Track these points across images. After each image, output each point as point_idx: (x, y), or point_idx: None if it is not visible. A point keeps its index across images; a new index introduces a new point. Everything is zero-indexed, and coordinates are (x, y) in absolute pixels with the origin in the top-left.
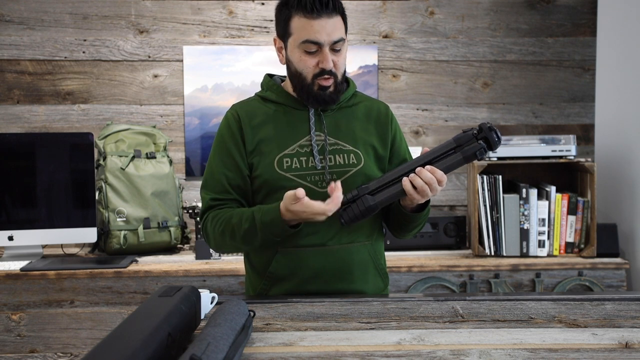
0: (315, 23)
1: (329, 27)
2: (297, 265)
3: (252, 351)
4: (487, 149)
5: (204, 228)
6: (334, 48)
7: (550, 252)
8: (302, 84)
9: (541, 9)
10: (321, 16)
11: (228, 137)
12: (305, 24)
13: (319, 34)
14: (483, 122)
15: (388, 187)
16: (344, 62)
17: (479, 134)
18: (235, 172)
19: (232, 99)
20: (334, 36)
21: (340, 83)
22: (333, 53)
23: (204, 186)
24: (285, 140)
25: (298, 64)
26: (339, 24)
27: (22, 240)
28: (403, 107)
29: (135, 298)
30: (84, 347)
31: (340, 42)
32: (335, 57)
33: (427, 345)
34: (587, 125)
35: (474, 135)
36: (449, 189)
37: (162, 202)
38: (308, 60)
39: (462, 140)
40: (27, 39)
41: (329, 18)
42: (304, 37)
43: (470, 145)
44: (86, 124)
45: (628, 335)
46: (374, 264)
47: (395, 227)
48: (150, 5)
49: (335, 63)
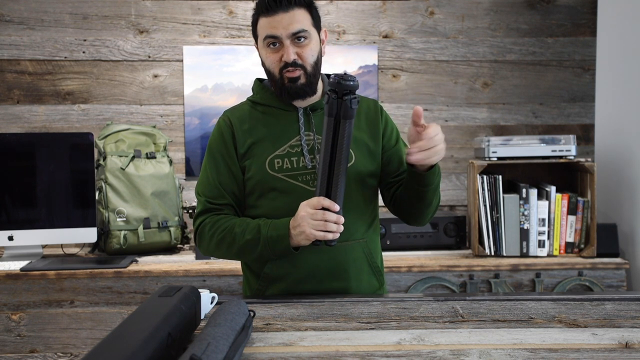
0: (271, 19)
1: (285, 20)
2: (292, 265)
3: (252, 351)
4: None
5: (200, 232)
6: (295, 40)
7: (550, 252)
8: (274, 80)
9: (541, 9)
10: (277, 12)
11: (221, 144)
12: (265, 22)
13: (276, 29)
14: (331, 81)
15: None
16: (310, 54)
17: (338, 94)
18: (229, 178)
19: (232, 99)
20: (291, 29)
21: (311, 75)
22: (296, 45)
23: (199, 190)
24: (276, 141)
25: (266, 60)
26: (300, 16)
27: (22, 240)
28: (403, 107)
29: (135, 298)
30: (84, 347)
31: (301, 33)
32: (299, 49)
33: (427, 345)
34: (587, 125)
35: (336, 99)
36: (449, 189)
37: (162, 202)
38: (272, 55)
39: (333, 110)
40: (27, 39)
41: (285, 13)
42: (265, 33)
43: (343, 106)
44: (86, 124)
45: (628, 335)
46: (369, 262)
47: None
48: (150, 5)
49: (299, 54)
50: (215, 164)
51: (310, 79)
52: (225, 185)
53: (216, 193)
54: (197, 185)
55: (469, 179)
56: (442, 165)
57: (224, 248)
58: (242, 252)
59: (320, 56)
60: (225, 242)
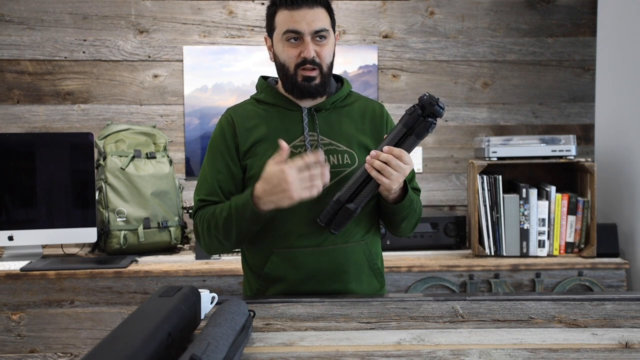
0: (295, 13)
1: (309, 17)
2: (292, 266)
3: (252, 351)
4: (435, 122)
5: (195, 229)
6: (316, 38)
7: (550, 252)
8: (287, 76)
9: (541, 9)
10: (301, 7)
11: (221, 141)
12: (286, 15)
13: (299, 24)
14: (422, 97)
15: (361, 188)
16: (329, 54)
17: (424, 112)
18: (227, 175)
19: (232, 98)
20: (315, 26)
21: (326, 75)
22: (316, 43)
23: (195, 190)
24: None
25: (281, 55)
26: (322, 15)
27: (22, 240)
28: (403, 107)
29: (135, 298)
30: (84, 347)
31: (323, 32)
32: (319, 48)
33: (427, 345)
34: (587, 125)
35: (420, 115)
36: (449, 189)
37: (162, 202)
38: (290, 50)
39: (411, 123)
40: (27, 39)
41: (309, 9)
42: (285, 27)
43: (419, 124)
44: (86, 124)
45: (628, 335)
46: (369, 263)
47: (387, 224)
48: (150, 5)
49: (318, 53)
50: (214, 161)
51: (324, 79)
52: (222, 182)
53: (211, 190)
54: (195, 187)
55: (469, 179)
56: (443, 165)
57: (213, 234)
58: (225, 232)
59: (334, 57)
60: (212, 228)
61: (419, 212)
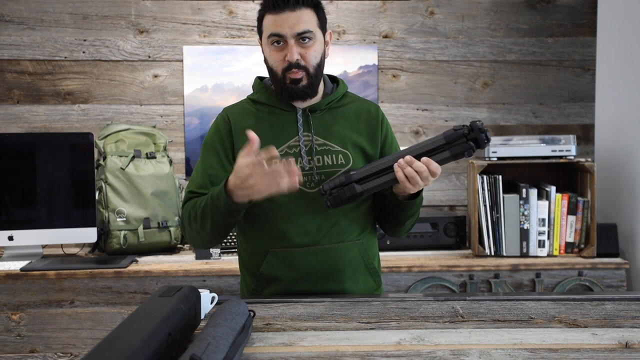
0: (277, 17)
1: (291, 19)
2: (288, 266)
3: (252, 351)
4: (475, 149)
5: (182, 220)
6: (300, 40)
7: (550, 252)
8: (275, 79)
9: (541, 9)
10: (284, 10)
11: (216, 138)
12: (270, 19)
13: (281, 27)
14: (474, 121)
15: (376, 175)
16: (314, 55)
17: (470, 134)
18: (219, 170)
19: (232, 98)
20: (297, 28)
21: (313, 76)
22: (300, 45)
23: (188, 183)
24: (274, 141)
25: (269, 58)
26: (307, 16)
27: (22, 240)
28: (403, 107)
29: (135, 298)
30: (84, 347)
31: (306, 34)
32: (303, 50)
33: (427, 345)
34: (587, 125)
35: (464, 135)
36: (449, 189)
37: (162, 202)
38: (276, 54)
39: (452, 138)
40: (27, 39)
41: (291, 12)
42: (270, 31)
43: (460, 144)
44: (86, 124)
45: (628, 335)
46: (365, 263)
47: (388, 219)
48: (150, 5)
49: (303, 55)
50: (207, 157)
51: (312, 80)
52: (213, 177)
53: (201, 183)
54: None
55: (469, 179)
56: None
57: (193, 225)
58: (202, 222)
59: (323, 58)
60: (191, 218)
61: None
